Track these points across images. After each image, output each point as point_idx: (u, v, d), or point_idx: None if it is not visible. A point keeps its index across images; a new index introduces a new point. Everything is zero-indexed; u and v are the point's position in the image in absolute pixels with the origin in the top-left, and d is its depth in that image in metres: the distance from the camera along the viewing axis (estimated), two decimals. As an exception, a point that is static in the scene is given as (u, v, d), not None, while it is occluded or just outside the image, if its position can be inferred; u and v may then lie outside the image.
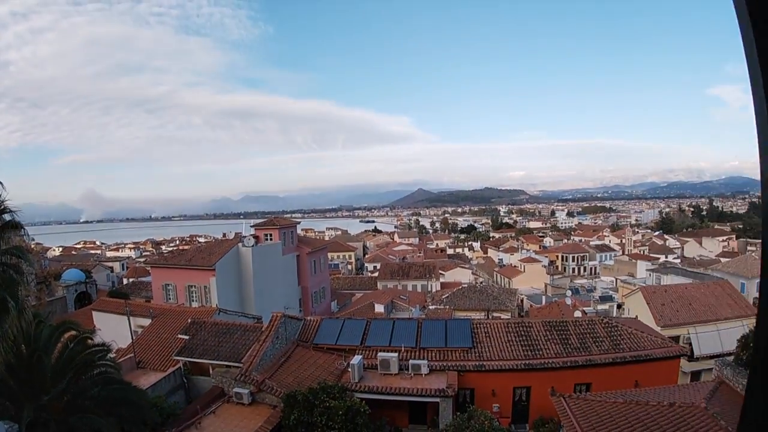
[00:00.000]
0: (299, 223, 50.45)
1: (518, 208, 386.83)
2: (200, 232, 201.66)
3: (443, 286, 57.79)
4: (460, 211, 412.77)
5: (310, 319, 25.07)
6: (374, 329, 22.70)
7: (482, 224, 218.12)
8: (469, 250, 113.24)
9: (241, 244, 37.53)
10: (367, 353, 21.02)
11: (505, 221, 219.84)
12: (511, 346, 20.96)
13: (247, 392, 17.74)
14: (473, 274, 70.14)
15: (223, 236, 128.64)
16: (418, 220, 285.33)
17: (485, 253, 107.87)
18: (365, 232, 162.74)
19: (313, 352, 21.74)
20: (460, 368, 19.87)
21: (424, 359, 20.01)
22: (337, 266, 77.69)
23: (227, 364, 19.87)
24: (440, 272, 62.69)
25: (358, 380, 18.88)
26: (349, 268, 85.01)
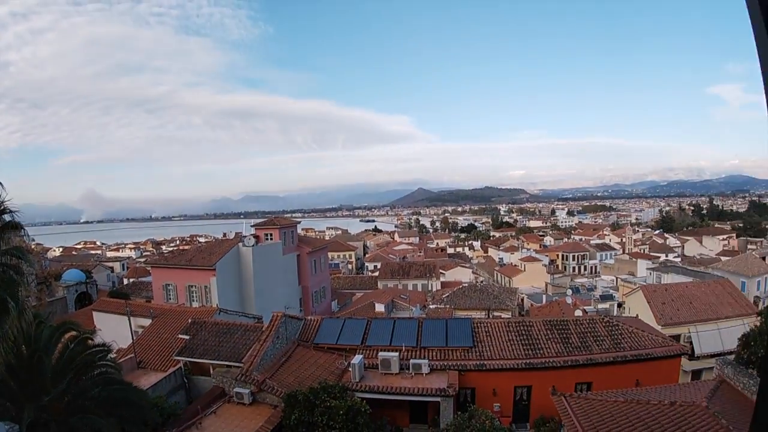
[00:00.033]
0: (299, 222, 50.48)
1: (518, 207, 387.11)
2: (200, 232, 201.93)
3: (443, 285, 57.82)
4: (460, 210, 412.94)
5: (310, 318, 25.07)
6: (375, 329, 22.68)
7: (482, 223, 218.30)
8: (469, 249, 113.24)
9: (241, 243, 37.51)
10: (367, 353, 21.02)
11: (505, 220, 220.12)
12: (511, 345, 20.95)
13: (247, 392, 17.72)
14: (473, 273, 70.17)
15: (223, 236, 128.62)
16: (418, 219, 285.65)
17: (485, 252, 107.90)
18: (365, 231, 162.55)
19: (313, 351, 21.74)
20: (460, 368, 19.85)
21: (424, 359, 20.00)
22: (337, 266, 77.72)
23: (228, 364, 19.85)
24: (440, 271, 62.73)
25: (358, 380, 18.86)
26: (349, 267, 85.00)
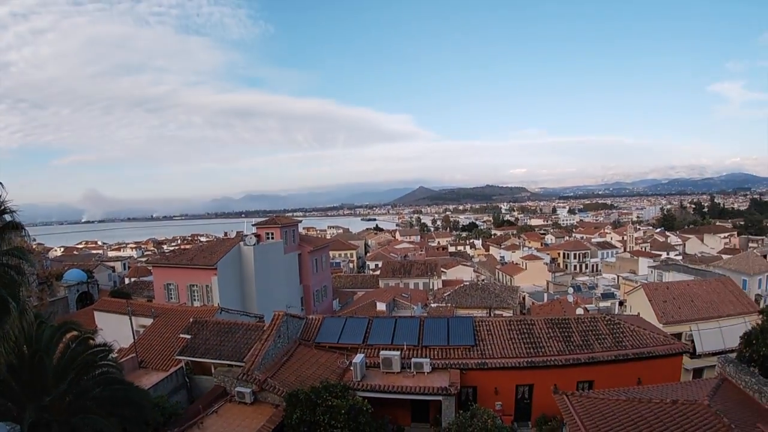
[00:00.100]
0: (301, 221, 50.56)
1: (520, 205, 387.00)
2: (202, 231, 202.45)
3: (445, 283, 57.87)
4: (461, 208, 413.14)
5: (311, 317, 25.06)
6: (376, 328, 22.66)
7: (484, 222, 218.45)
8: (470, 247, 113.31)
9: (242, 243, 37.50)
10: (369, 352, 21.02)
11: (506, 219, 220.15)
12: (513, 343, 20.92)
13: (249, 391, 17.73)
14: (475, 271, 70.15)
15: (224, 235, 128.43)
16: (419, 217, 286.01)
17: (487, 250, 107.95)
18: (367, 230, 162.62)
19: (315, 350, 21.74)
20: (462, 366, 19.83)
21: (426, 357, 19.99)
22: (338, 265, 77.80)
23: (229, 363, 19.86)
24: (442, 270, 62.79)
25: (360, 379, 18.86)
26: (350, 266, 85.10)
